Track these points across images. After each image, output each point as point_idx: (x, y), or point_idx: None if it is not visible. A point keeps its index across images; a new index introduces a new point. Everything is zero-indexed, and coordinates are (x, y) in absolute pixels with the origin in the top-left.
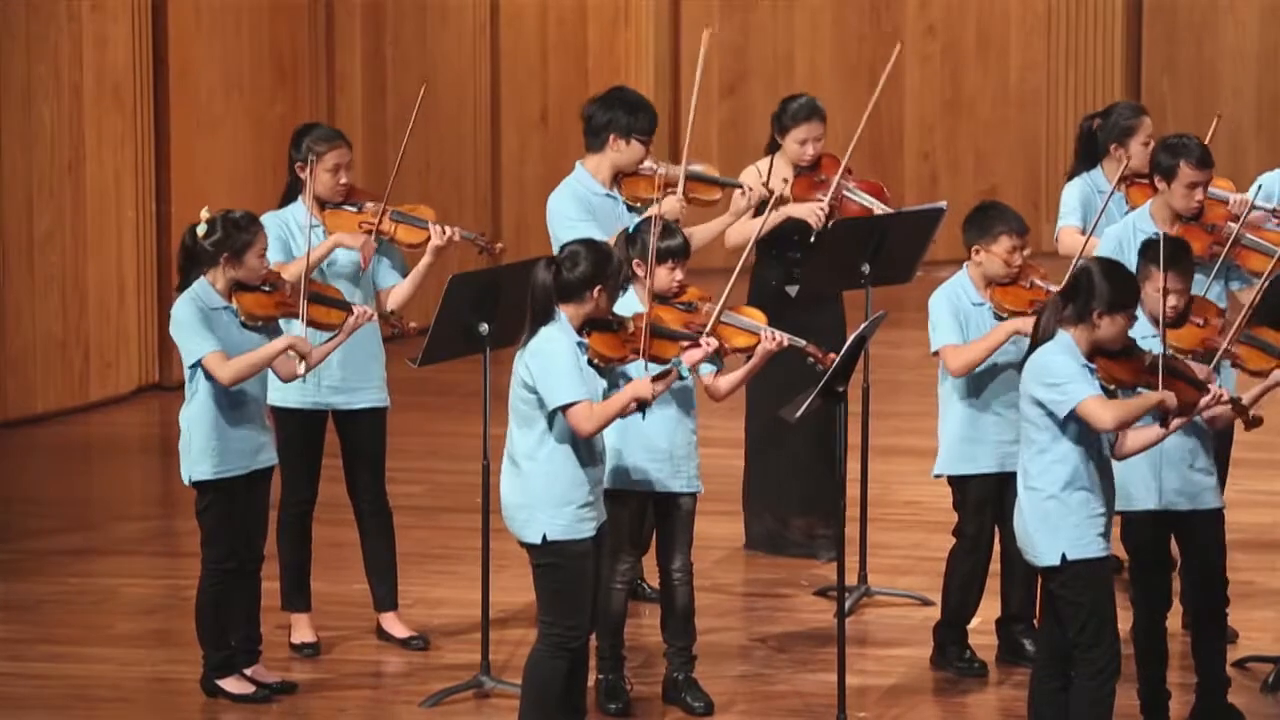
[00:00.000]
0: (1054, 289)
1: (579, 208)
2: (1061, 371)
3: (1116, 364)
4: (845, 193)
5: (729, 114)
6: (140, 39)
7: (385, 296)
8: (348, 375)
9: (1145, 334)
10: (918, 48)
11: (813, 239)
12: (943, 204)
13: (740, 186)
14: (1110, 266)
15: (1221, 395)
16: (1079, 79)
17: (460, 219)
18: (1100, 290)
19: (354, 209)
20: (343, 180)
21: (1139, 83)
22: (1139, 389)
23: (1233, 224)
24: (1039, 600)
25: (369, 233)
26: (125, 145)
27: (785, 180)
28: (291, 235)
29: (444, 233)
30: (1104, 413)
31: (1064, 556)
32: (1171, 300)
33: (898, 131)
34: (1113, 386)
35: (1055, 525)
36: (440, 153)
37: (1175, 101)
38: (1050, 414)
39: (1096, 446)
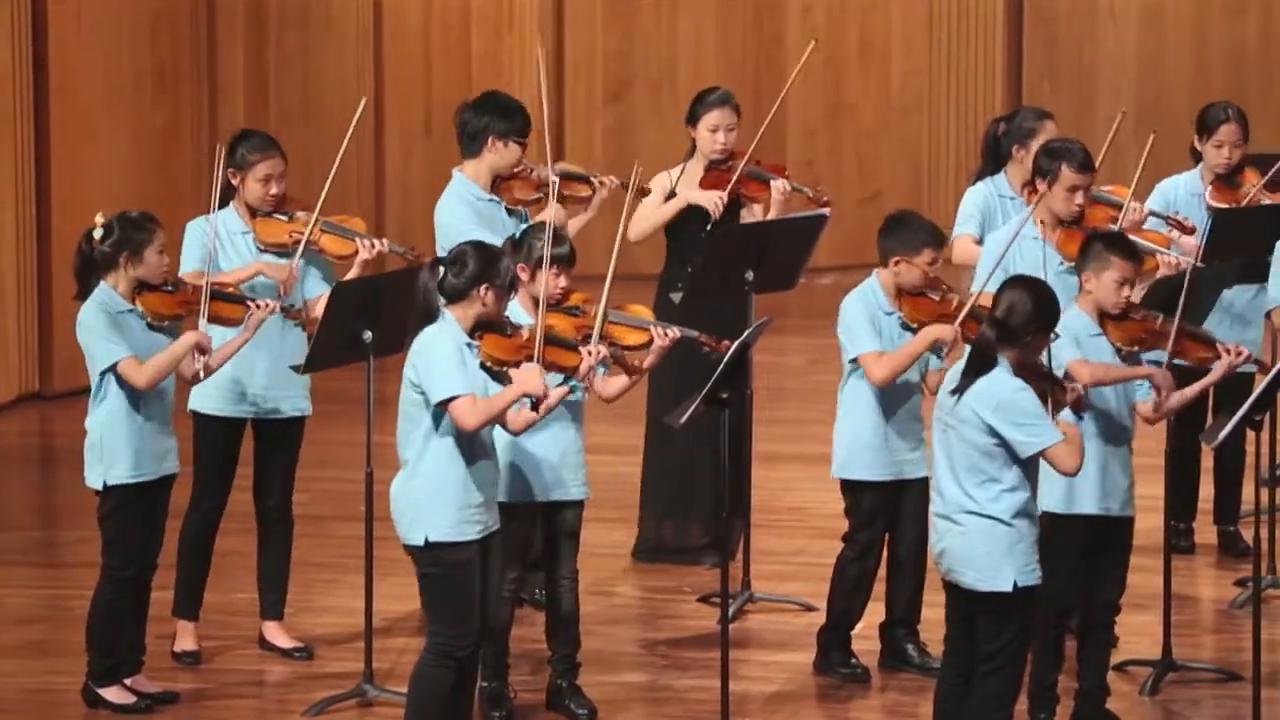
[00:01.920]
0: (958, 296)
1: (470, 214)
2: (1031, 412)
3: (1037, 381)
4: (749, 173)
5: (614, 120)
6: (19, 45)
7: (313, 306)
8: (273, 383)
9: (1091, 331)
10: (800, 54)
11: (675, 298)
12: (826, 210)
13: (601, 180)
14: (1038, 290)
15: (1078, 390)
16: (961, 85)
17: None
18: (1034, 316)
19: (284, 218)
20: (273, 191)
21: (1020, 88)
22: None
23: (1112, 225)
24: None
25: (297, 242)
26: (4, 152)
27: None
28: (219, 243)
29: (372, 246)
30: (1071, 461)
31: (1016, 584)
32: (1126, 290)
33: (780, 138)
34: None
35: (1011, 552)
36: (323, 160)
37: (1056, 106)
38: (1009, 450)
39: (1036, 475)
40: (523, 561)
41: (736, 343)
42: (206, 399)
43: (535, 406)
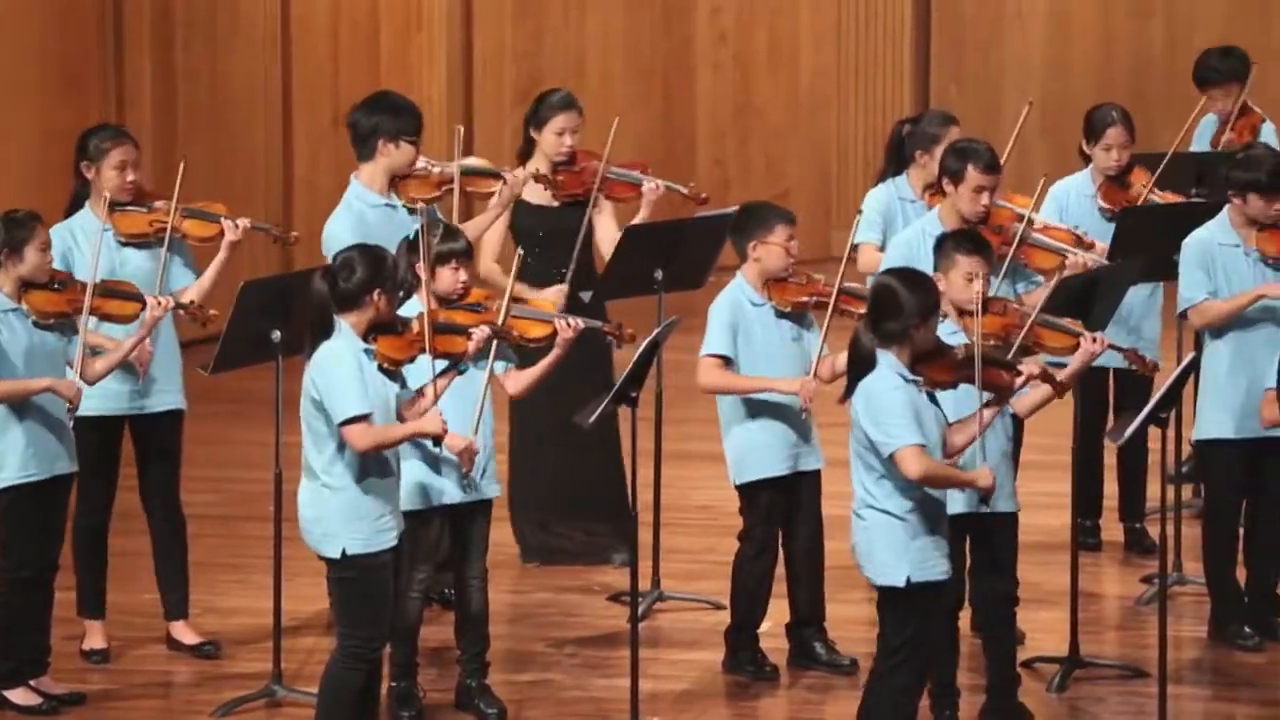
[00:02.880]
0: (828, 283)
1: (353, 235)
2: (889, 411)
3: (933, 368)
4: (610, 174)
5: (521, 121)
6: None
7: (179, 295)
8: (146, 378)
9: (949, 330)
10: (709, 55)
11: (585, 297)
12: (734, 209)
13: (505, 175)
14: (908, 276)
15: (1033, 370)
16: (869, 87)
17: None
18: (910, 304)
19: (143, 209)
20: (130, 178)
21: (928, 91)
22: (961, 385)
23: (1018, 224)
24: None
25: (160, 231)
26: None
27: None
28: (75, 245)
29: (236, 226)
30: (914, 466)
31: (908, 579)
32: (977, 285)
33: (690, 138)
34: (935, 390)
35: (904, 547)
36: (231, 159)
37: (963, 109)
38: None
39: None
40: (431, 561)
41: (645, 341)
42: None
43: (436, 444)
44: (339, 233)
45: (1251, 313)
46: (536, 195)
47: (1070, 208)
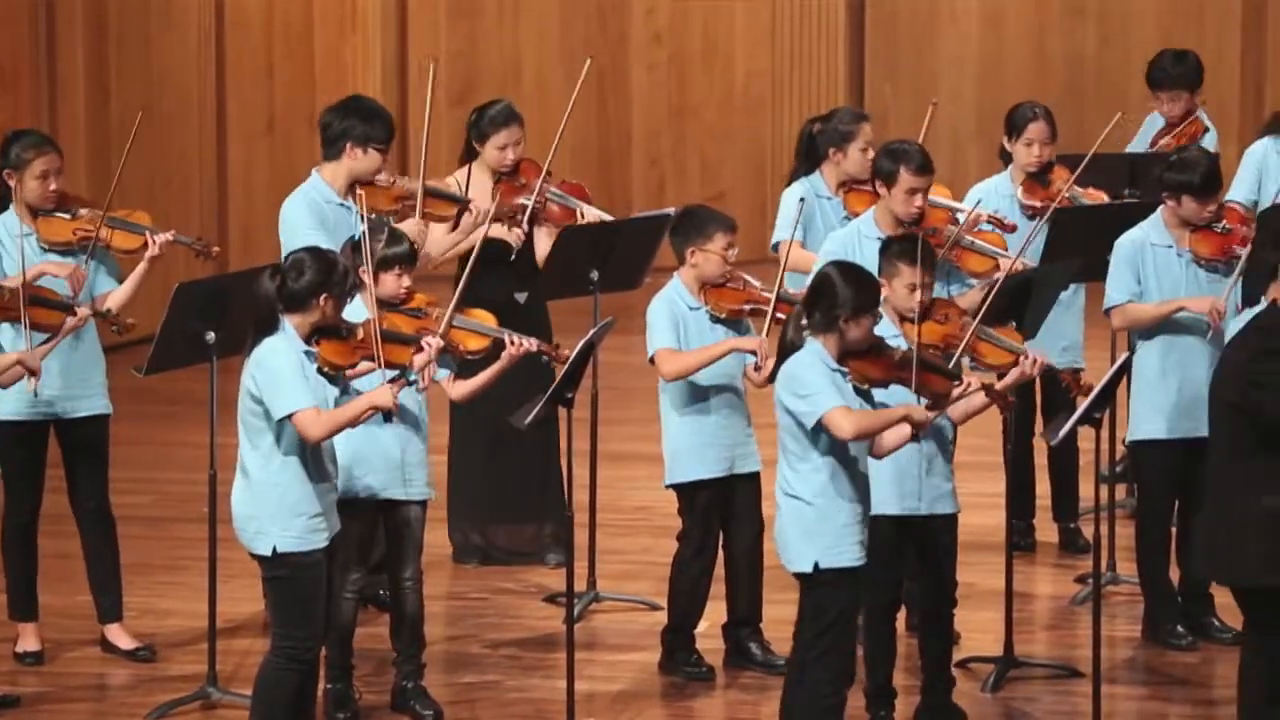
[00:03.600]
0: (765, 289)
1: (312, 217)
2: (809, 382)
3: (867, 363)
4: (549, 196)
5: (457, 123)
6: None
7: (102, 301)
8: (69, 383)
9: (890, 333)
10: (644, 55)
11: (512, 258)
12: (670, 210)
13: (468, 203)
14: (850, 270)
15: (972, 384)
16: (803, 86)
17: (186, 227)
18: (844, 296)
19: (67, 215)
20: (52, 187)
21: (862, 90)
22: (892, 384)
23: (953, 227)
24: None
25: (85, 240)
26: None
27: (483, 210)
28: (2, 248)
29: (158, 241)
30: (845, 423)
31: (816, 564)
32: (919, 295)
33: (625, 138)
34: (866, 386)
35: (811, 532)
36: (165, 160)
37: (898, 108)
38: (801, 424)
39: (852, 455)
40: (365, 563)
41: (581, 343)
42: (2, 405)
43: (388, 419)
44: (295, 215)
45: (1183, 314)
46: (481, 202)
47: (990, 207)
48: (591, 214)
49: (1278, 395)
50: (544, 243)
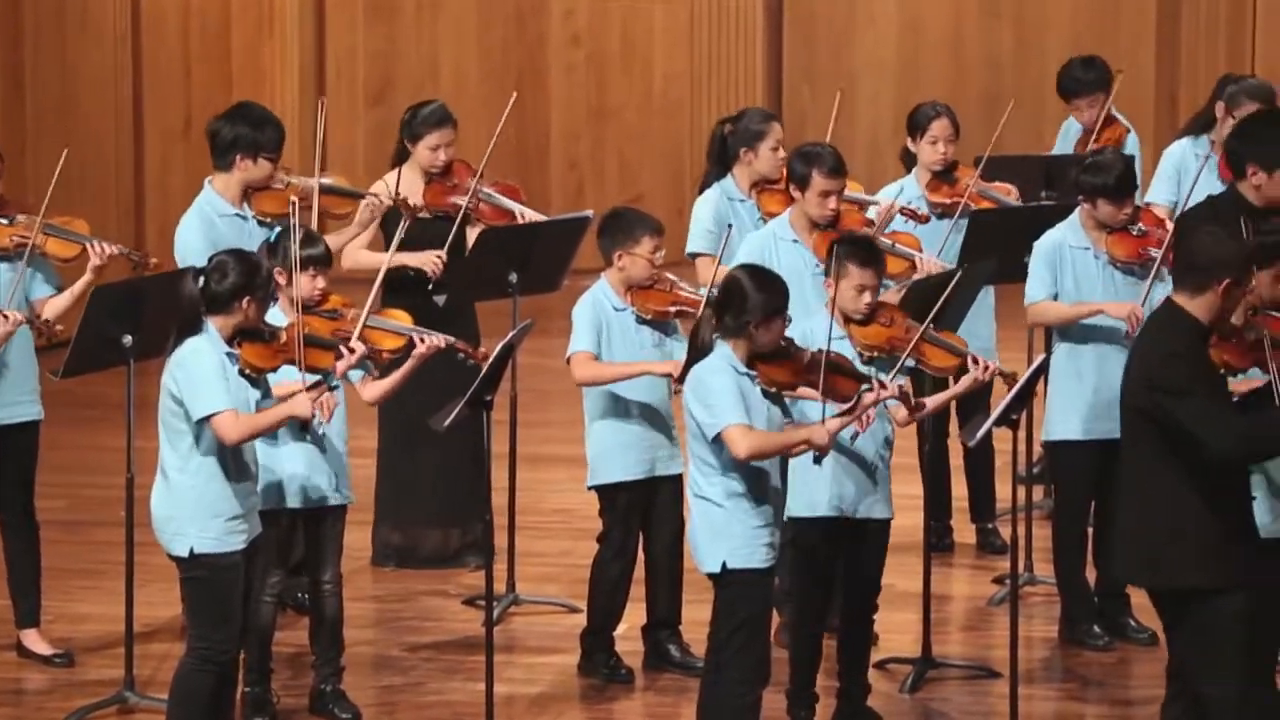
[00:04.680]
0: (693, 291)
1: (204, 241)
2: (715, 392)
3: (775, 366)
4: (481, 198)
5: (375, 123)
6: None
7: (37, 306)
8: (1, 389)
9: (836, 334)
10: (562, 56)
11: (444, 295)
12: (589, 212)
13: (368, 195)
14: (759, 274)
15: (885, 389)
16: (721, 88)
17: (103, 228)
18: (754, 301)
19: (6, 221)
20: None
21: (780, 92)
22: (800, 388)
23: (868, 229)
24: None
25: (19, 247)
26: None
27: (416, 205)
28: None
29: (101, 251)
30: (741, 442)
31: (724, 565)
32: (867, 297)
33: (544, 140)
34: (775, 389)
35: (720, 534)
36: (82, 161)
37: (815, 110)
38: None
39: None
40: (285, 566)
41: (500, 345)
42: None
43: (304, 428)
44: (190, 239)
45: (1102, 316)
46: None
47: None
48: (531, 215)
49: (1184, 403)
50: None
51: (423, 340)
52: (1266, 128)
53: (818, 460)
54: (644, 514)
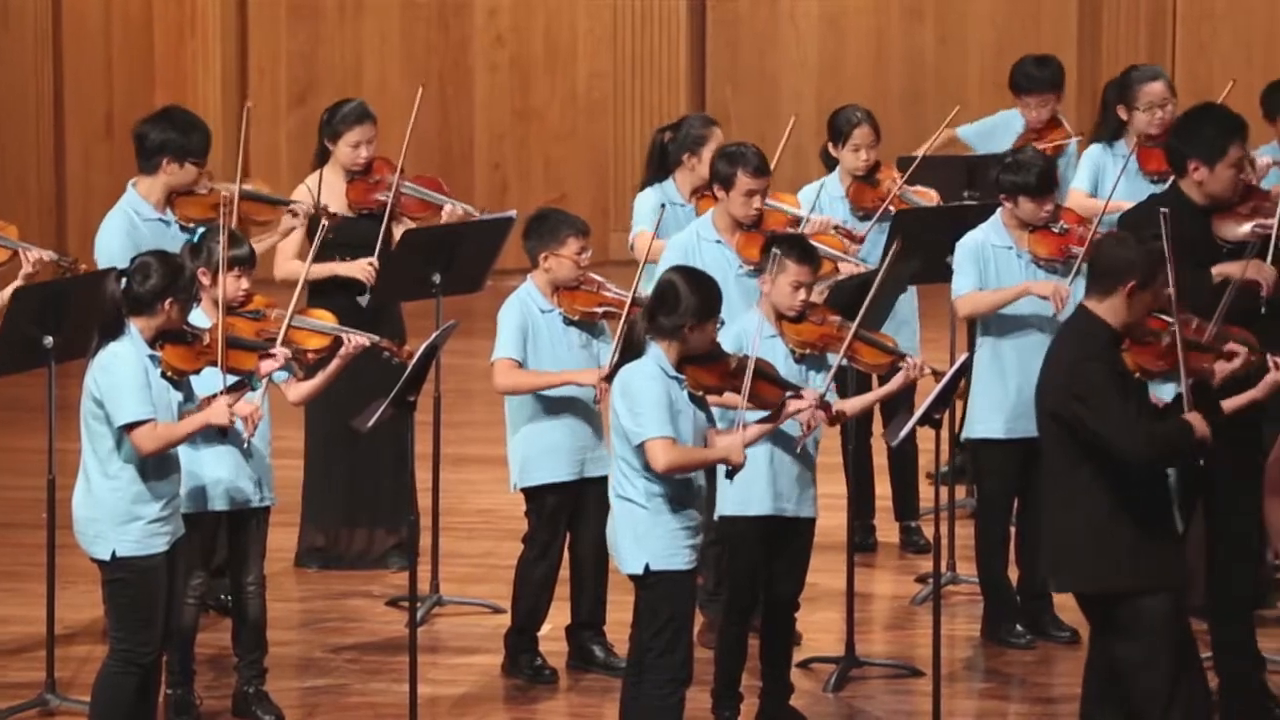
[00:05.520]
0: (620, 292)
1: (126, 243)
2: (642, 400)
3: (703, 370)
4: (404, 190)
5: (298, 124)
6: None
7: None
8: None
9: (767, 333)
10: (486, 57)
11: (367, 295)
12: (512, 213)
13: (291, 204)
14: (694, 277)
15: (806, 397)
16: (645, 88)
17: (25, 228)
18: (688, 303)
19: None
20: None
21: (704, 92)
22: (726, 392)
23: (792, 229)
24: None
25: None
26: None
27: (338, 215)
28: None
29: (31, 258)
30: (661, 457)
31: (647, 567)
32: (803, 294)
33: (468, 141)
34: (701, 393)
35: (643, 535)
36: (2, 160)
37: (739, 110)
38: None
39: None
40: (207, 567)
41: (424, 345)
42: None
43: (224, 434)
44: (110, 242)
45: (1022, 315)
46: (334, 204)
47: (822, 208)
48: (459, 209)
49: (1095, 409)
50: None
51: (349, 340)
52: (1203, 122)
53: (730, 475)
54: (571, 515)
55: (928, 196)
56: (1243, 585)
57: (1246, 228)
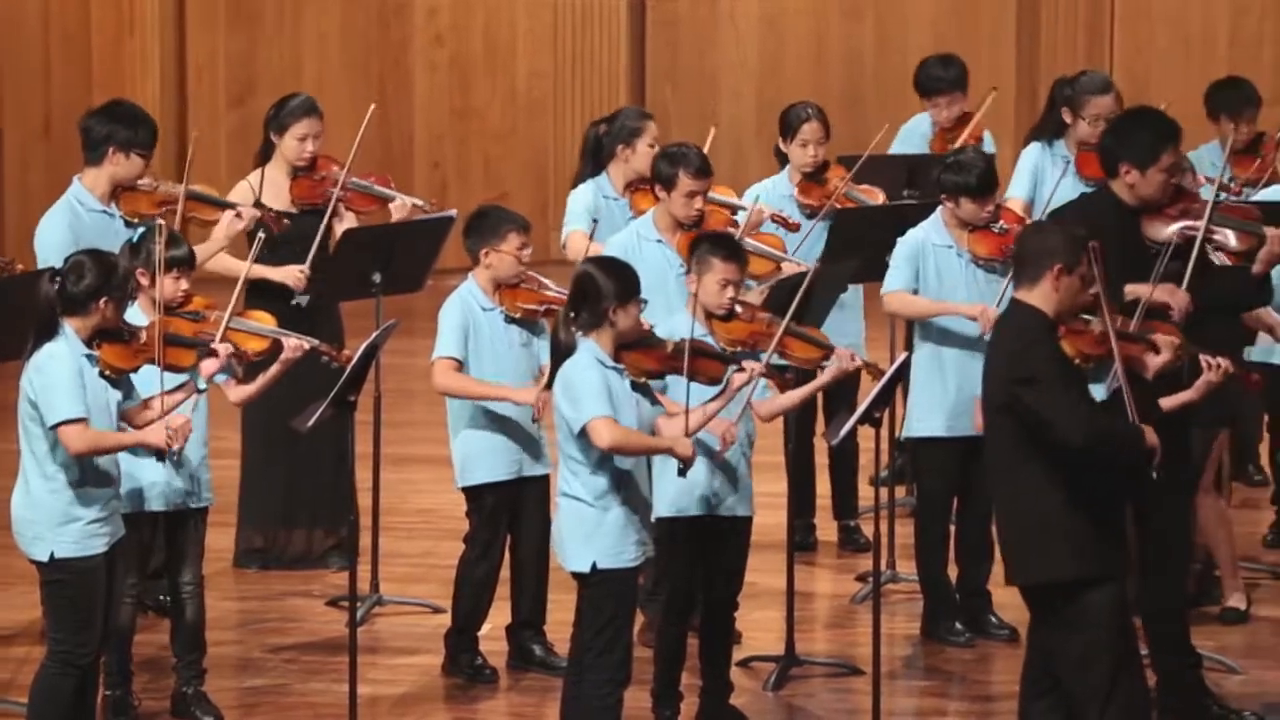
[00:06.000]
0: (560, 291)
1: (67, 235)
2: (579, 387)
3: (641, 355)
4: (351, 185)
5: (237, 124)
6: None
7: None
8: None
9: (699, 332)
10: (426, 56)
11: (302, 302)
12: (452, 212)
13: (235, 208)
14: (608, 263)
15: (756, 369)
16: (585, 87)
17: None
18: (606, 288)
19: None
20: None
21: (644, 91)
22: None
23: (733, 230)
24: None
25: None
26: None
27: (282, 221)
28: None
29: None
30: (605, 434)
31: (594, 565)
32: (730, 292)
33: (407, 140)
34: (643, 380)
35: (589, 533)
36: None
37: (678, 109)
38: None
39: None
40: (144, 569)
41: (364, 345)
42: None
43: (160, 457)
44: (52, 232)
45: (954, 320)
46: (277, 201)
47: (770, 206)
48: (408, 201)
49: (1039, 391)
50: None
51: (293, 346)
52: (1138, 127)
53: (682, 472)
54: (511, 514)
55: (874, 195)
56: (1175, 583)
57: (1174, 228)
